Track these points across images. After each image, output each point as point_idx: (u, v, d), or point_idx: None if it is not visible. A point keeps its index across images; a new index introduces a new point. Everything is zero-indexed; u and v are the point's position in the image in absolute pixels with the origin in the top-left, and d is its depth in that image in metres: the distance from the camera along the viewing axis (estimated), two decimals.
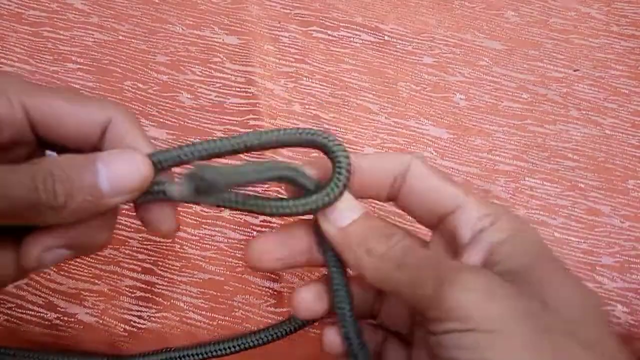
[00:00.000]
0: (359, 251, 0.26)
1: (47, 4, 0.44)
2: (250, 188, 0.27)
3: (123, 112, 0.27)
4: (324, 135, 0.27)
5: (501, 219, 0.26)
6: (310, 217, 0.29)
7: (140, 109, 0.41)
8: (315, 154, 0.28)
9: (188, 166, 0.25)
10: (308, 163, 0.28)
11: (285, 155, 0.40)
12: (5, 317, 0.34)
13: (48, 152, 0.28)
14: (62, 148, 0.27)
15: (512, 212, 0.27)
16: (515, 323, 0.21)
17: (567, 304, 0.23)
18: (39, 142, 0.27)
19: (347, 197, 0.27)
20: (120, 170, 0.24)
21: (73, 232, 0.25)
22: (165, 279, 0.36)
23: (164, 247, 0.37)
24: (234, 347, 0.33)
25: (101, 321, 0.34)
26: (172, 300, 0.35)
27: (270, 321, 0.35)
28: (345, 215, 0.27)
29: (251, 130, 0.40)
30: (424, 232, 0.29)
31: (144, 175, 0.25)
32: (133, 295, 0.35)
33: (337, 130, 0.42)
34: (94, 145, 0.27)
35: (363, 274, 0.26)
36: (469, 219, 0.26)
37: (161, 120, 0.41)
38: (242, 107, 0.42)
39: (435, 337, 0.23)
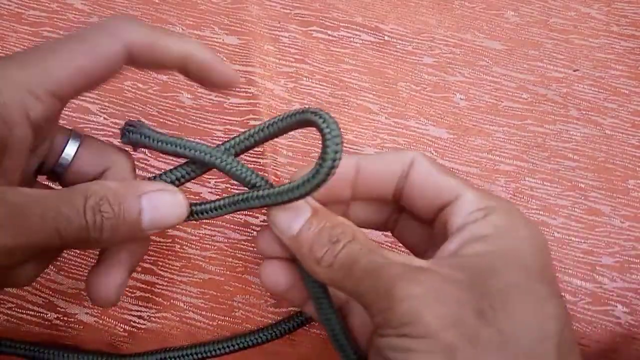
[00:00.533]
0: (309, 262, 0.25)
1: (47, 4, 0.44)
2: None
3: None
4: (315, 112, 0.24)
5: (496, 213, 0.25)
6: None
7: (141, 109, 0.41)
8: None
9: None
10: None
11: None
12: (5, 317, 0.34)
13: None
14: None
15: (515, 210, 0.26)
16: (444, 331, 0.21)
17: (518, 330, 0.22)
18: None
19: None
20: (163, 210, 0.26)
21: (133, 262, 0.27)
22: (165, 279, 0.36)
23: (164, 247, 0.37)
24: (233, 346, 0.33)
25: (101, 321, 0.34)
26: (172, 300, 0.35)
27: (270, 321, 0.35)
28: (293, 221, 0.26)
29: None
30: None
31: (182, 217, 0.27)
32: (133, 295, 0.35)
33: None
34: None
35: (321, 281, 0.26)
36: (462, 211, 0.25)
37: (161, 120, 0.41)
38: (242, 107, 0.42)
39: (378, 340, 0.23)
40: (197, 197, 0.38)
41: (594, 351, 0.37)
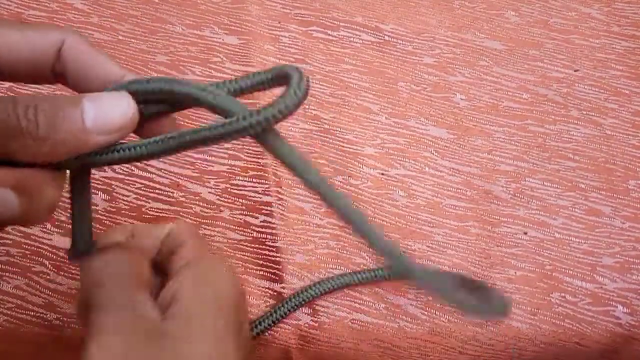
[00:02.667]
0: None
1: (47, 4, 0.44)
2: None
3: (74, 33, 0.26)
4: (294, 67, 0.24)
5: (193, 271, 0.26)
6: None
7: None
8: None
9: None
10: None
11: None
12: (5, 318, 0.34)
13: None
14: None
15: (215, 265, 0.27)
16: None
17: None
18: None
19: None
20: (107, 107, 0.24)
21: (25, 173, 0.23)
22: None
23: None
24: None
25: None
26: None
27: None
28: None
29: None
30: None
31: (131, 115, 0.24)
32: None
33: (337, 131, 0.41)
34: (47, 75, 0.26)
35: None
36: (181, 260, 0.27)
37: None
38: None
39: None
40: (196, 197, 0.38)
41: (594, 351, 0.37)
